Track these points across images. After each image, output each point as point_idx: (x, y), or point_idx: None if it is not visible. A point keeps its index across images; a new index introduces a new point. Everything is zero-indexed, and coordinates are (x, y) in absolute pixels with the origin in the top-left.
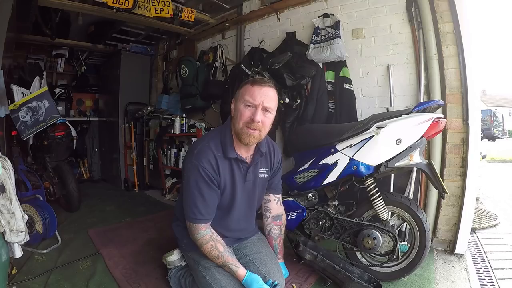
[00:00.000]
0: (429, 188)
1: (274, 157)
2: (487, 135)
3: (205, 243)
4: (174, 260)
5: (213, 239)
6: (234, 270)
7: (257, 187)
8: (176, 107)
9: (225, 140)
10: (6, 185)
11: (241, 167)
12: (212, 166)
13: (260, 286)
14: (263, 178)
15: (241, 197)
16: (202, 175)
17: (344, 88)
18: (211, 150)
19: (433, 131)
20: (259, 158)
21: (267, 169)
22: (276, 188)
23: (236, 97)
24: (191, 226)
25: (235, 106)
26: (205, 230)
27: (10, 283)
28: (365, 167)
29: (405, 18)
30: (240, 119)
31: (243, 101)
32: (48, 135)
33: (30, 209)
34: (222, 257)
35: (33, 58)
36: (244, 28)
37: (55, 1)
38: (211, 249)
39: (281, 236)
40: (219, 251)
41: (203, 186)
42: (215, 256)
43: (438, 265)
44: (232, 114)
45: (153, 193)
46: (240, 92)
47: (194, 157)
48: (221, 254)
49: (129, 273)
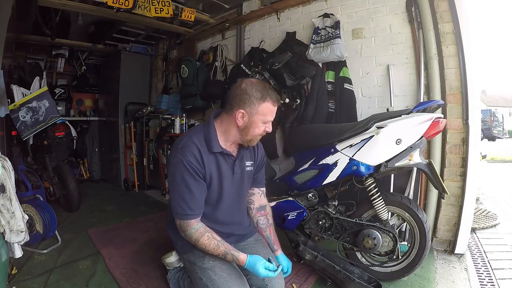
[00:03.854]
0: (429, 188)
1: (258, 151)
2: (487, 135)
3: (201, 236)
4: (172, 261)
5: (208, 231)
6: (236, 256)
7: (245, 179)
8: (176, 107)
9: (209, 136)
10: (6, 185)
11: (227, 161)
12: (197, 159)
13: (263, 264)
14: (249, 171)
15: (228, 189)
16: (187, 168)
17: (344, 88)
18: (195, 144)
19: (433, 131)
20: (244, 150)
21: (252, 162)
22: (261, 182)
23: (252, 112)
24: (181, 224)
25: (250, 120)
26: (197, 224)
27: (10, 283)
28: (365, 167)
29: (405, 18)
30: (256, 132)
31: (263, 120)
32: (48, 135)
33: (30, 209)
34: (222, 245)
35: (33, 58)
36: (244, 28)
37: (55, 1)
38: (209, 240)
39: (270, 226)
40: (217, 240)
41: (189, 179)
42: (215, 246)
43: (438, 265)
44: (239, 124)
45: (153, 193)
46: (259, 109)
47: (179, 152)
48: (221, 243)
49: (129, 273)
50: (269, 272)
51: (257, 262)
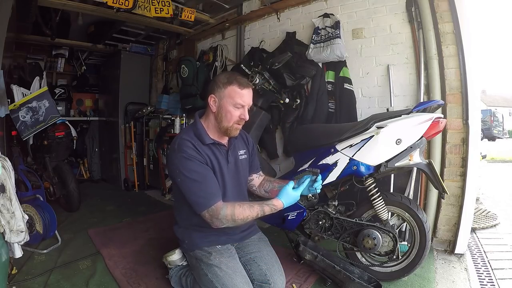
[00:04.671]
0: (429, 188)
1: (247, 139)
2: (487, 135)
3: (234, 210)
4: (175, 259)
5: (235, 203)
6: (270, 204)
7: (240, 169)
8: (176, 107)
9: (198, 131)
10: (6, 185)
11: (221, 151)
12: (195, 150)
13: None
14: (244, 159)
15: (228, 179)
16: (190, 159)
17: (344, 88)
18: (188, 140)
19: (433, 131)
20: (234, 140)
21: (245, 150)
22: (257, 166)
23: (219, 96)
24: (210, 212)
25: (219, 104)
26: (224, 204)
27: (10, 283)
28: (365, 167)
29: (405, 18)
30: (230, 119)
31: (233, 103)
32: (48, 135)
33: (30, 209)
34: (254, 204)
35: (33, 58)
36: (244, 28)
37: (55, 1)
38: (242, 208)
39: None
40: (248, 204)
41: (196, 168)
42: (249, 208)
43: (438, 265)
44: (213, 110)
45: (153, 193)
46: (225, 92)
47: (177, 151)
48: (252, 204)
49: (129, 273)
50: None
51: (290, 193)
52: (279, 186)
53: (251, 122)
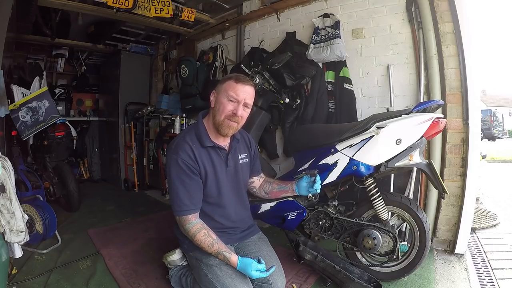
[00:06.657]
0: (429, 188)
1: (250, 142)
2: (487, 135)
3: (197, 232)
4: (175, 259)
5: (205, 228)
6: (228, 257)
7: (240, 173)
8: (176, 107)
9: (199, 132)
10: (6, 185)
11: (220, 155)
12: (190, 156)
13: (255, 267)
14: (245, 163)
15: (225, 183)
16: (181, 166)
17: (344, 88)
18: (187, 142)
19: (433, 131)
20: (236, 144)
21: (246, 153)
22: (258, 169)
23: (218, 90)
24: (180, 220)
25: (216, 98)
26: (195, 220)
27: (10, 283)
28: (365, 167)
29: (405, 18)
30: (222, 112)
31: (226, 96)
32: (48, 135)
33: (30, 209)
34: (217, 244)
35: (33, 58)
36: (244, 28)
37: (55, 1)
38: (205, 237)
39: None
40: (213, 239)
41: (184, 176)
42: (210, 244)
43: (438, 265)
44: (212, 105)
45: (153, 193)
46: (222, 86)
47: (173, 151)
48: (215, 242)
49: (129, 273)
50: (261, 274)
51: (248, 265)
52: (278, 187)
53: (251, 122)
